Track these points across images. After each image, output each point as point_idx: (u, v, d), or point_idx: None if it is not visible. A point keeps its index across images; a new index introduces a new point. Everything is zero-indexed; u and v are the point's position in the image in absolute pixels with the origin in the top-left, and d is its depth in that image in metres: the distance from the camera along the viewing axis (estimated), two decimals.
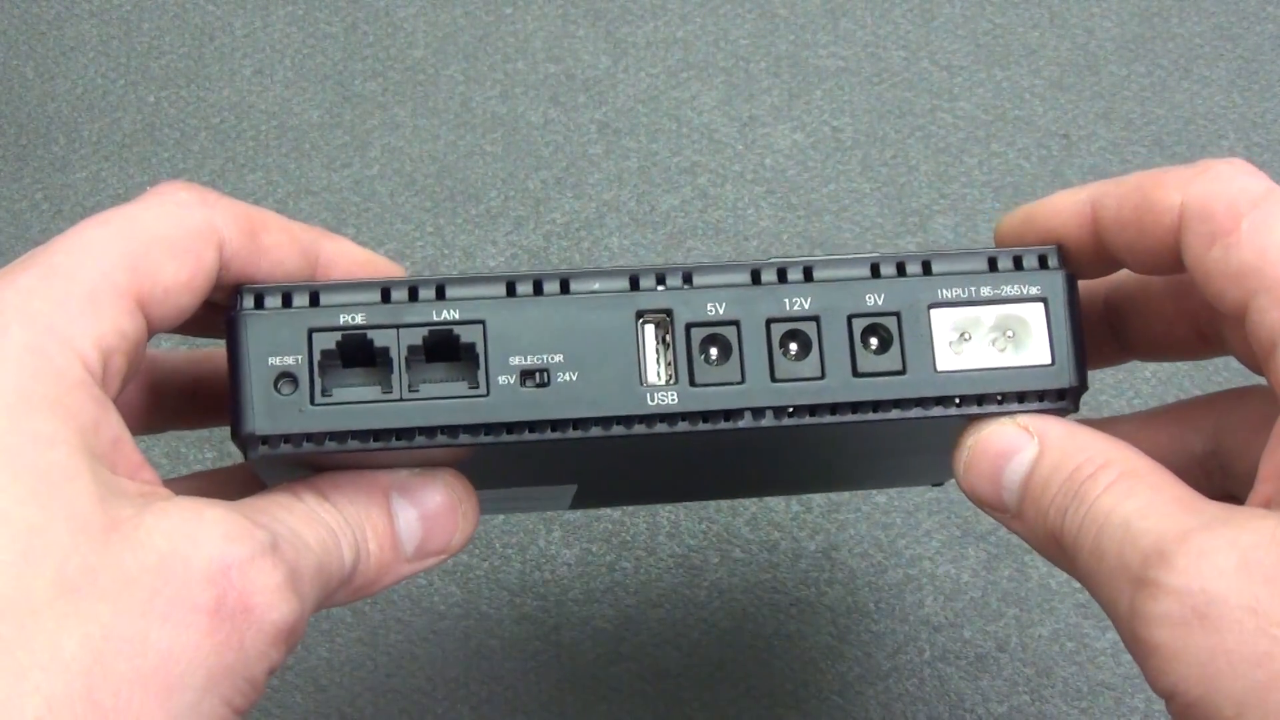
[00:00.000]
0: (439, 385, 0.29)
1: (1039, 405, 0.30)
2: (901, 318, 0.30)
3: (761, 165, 0.58)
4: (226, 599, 0.26)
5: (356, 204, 0.57)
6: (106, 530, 0.26)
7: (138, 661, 0.25)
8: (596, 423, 0.29)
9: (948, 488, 0.51)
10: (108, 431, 0.27)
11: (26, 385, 0.26)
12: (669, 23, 0.61)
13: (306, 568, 0.28)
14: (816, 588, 0.51)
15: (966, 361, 0.30)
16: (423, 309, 0.29)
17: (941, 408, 0.30)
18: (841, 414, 0.30)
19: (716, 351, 0.30)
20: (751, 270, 0.30)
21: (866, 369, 0.30)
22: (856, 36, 0.61)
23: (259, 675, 0.27)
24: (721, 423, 0.29)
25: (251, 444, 0.29)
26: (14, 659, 0.24)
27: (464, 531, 0.32)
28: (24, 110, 0.60)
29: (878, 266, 0.30)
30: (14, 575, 0.25)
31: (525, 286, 0.29)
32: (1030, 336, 0.30)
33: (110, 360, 0.28)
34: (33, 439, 0.26)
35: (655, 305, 0.29)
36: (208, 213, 0.29)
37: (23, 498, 0.25)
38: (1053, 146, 0.58)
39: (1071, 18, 0.61)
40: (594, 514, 0.52)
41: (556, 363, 0.29)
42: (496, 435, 0.29)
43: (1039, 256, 0.30)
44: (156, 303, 0.28)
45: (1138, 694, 0.48)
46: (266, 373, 0.29)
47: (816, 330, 0.30)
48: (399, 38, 0.61)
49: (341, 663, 0.50)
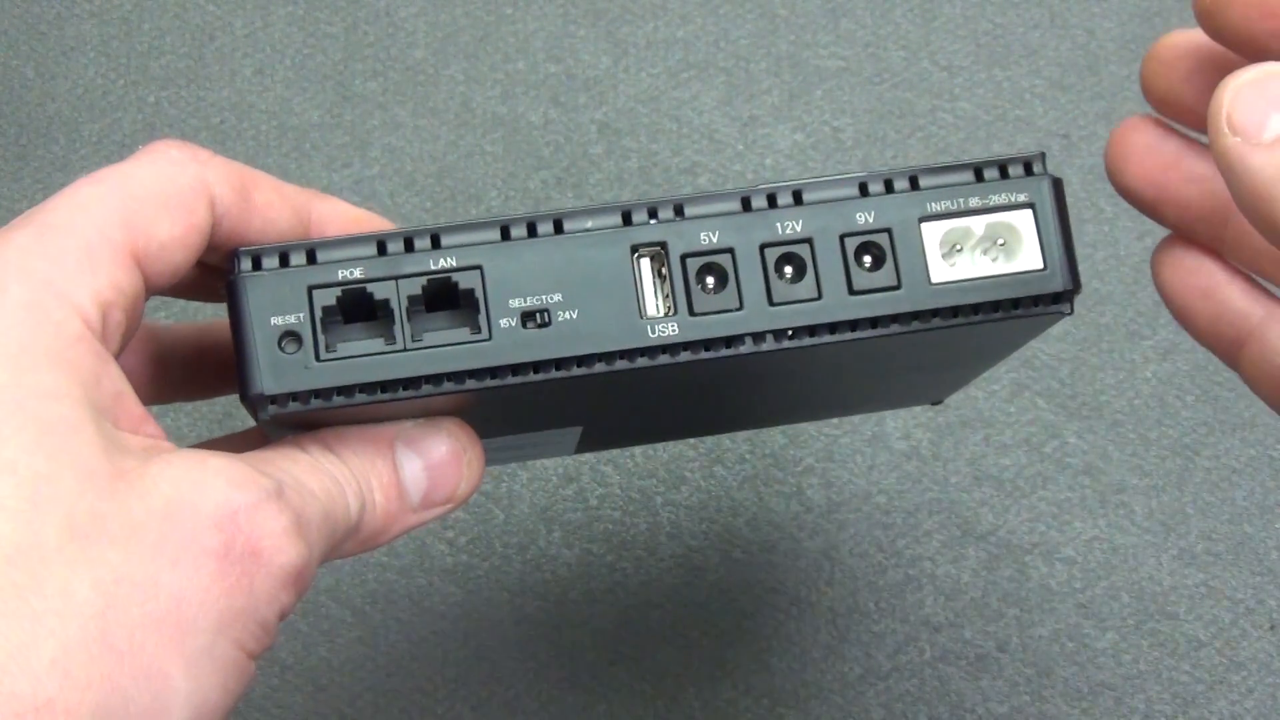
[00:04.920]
0: (441, 333, 0.29)
1: (1035, 310, 0.30)
2: (893, 234, 0.30)
3: (762, 165, 0.58)
4: (235, 543, 0.26)
5: (356, 204, 0.57)
6: (113, 478, 0.26)
7: (149, 605, 0.25)
8: (600, 358, 0.29)
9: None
10: (109, 385, 0.27)
11: (27, 340, 0.26)
12: (669, 23, 0.61)
13: (312, 514, 0.28)
14: (816, 588, 0.51)
15: (960, 272, 0.30)
16: (420, 259, 0.29)
17: (939, 319, 0.30)
18: (841, 333, 0.30)
19: (713, 280, 0.30)
20: (742, 198, 0.30)
21: (862, 286, 0.30)
22: (857, 36, 0.61)
23: (270, 618, 0.27)
24: (723, 350, 0.30)
25: (260, 404, 0.29)
26: (27, 604, 0.24)
27: (469, 480, 0.32)
28: (24, 110, 0.60)
29: (866, 185, 0.30)
30: (24, 522, 0.25)
31: (519, 229, 0.30)
32: (1021, 243, 0.30)
33: (109, 315, 0.28)
34: (35, 392, 0.26)
35: (649, 239, 0.30)
36: (200, 169, 0.30)
37: (28, 447, 0.25)
38: (1053, 146, 0.58)
39: (1071, 18, 0.61)
40: (594, 514, 0.52)
41: (556, 302, 0.29)
42: (502, 378, 0.29)
43: (1024, 164, 0.31)
44: (152, 258, 0.29)
45: (1138, 694, 0.48)
46: (270, 333, 0.29)
47: (810, 252, 0.30)
48: (399, 38, 0.61)
49: (341, 663, 0.50)
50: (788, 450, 0.52)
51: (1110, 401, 0.53)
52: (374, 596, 0.51)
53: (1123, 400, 0.53)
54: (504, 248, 0.29)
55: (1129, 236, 0.56)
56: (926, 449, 0.52)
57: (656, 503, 0.52)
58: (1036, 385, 0.54)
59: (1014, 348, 0.36)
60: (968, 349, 0.35)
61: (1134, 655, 0.49)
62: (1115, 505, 0.52)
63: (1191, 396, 0.53)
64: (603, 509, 0.52)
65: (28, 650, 0.24)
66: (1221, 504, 0.52)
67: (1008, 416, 0.53)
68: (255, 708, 0.49)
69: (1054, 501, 0.52)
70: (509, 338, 0.29)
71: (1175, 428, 0.53)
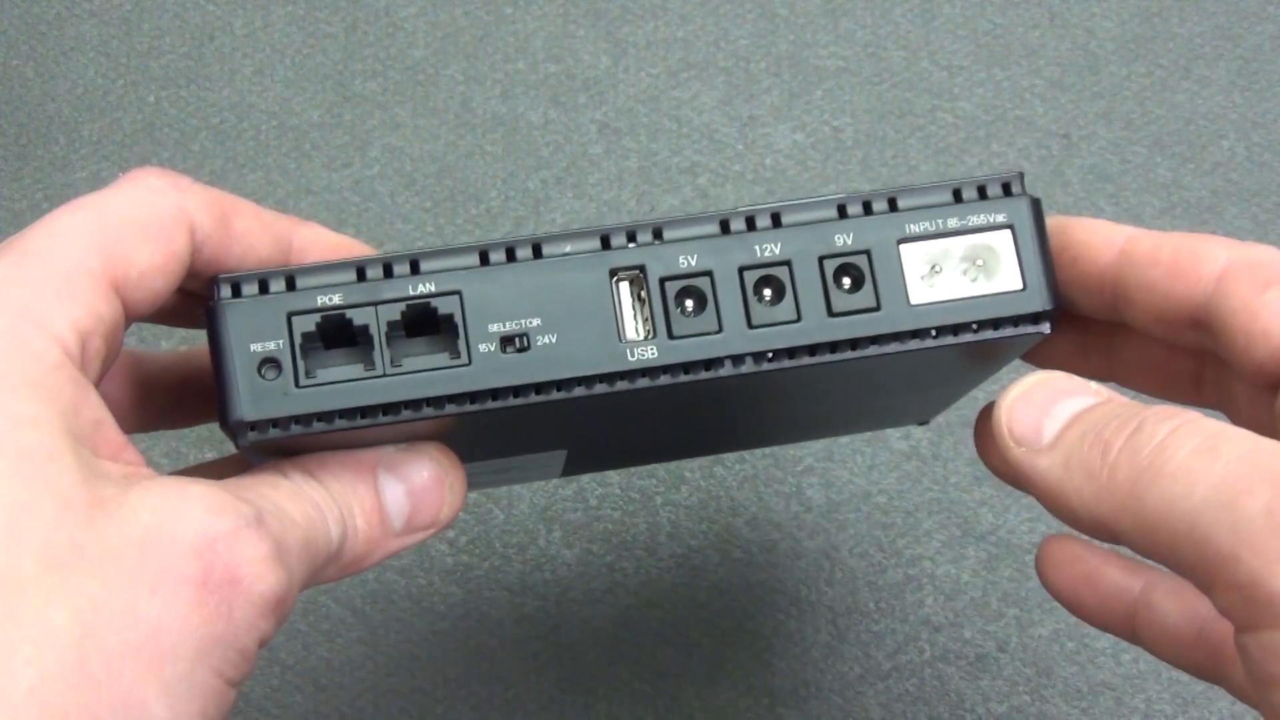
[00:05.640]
0: (421, 358, 0.29)
1: (1015, 330, 0.30)
2: (872, 255, 0.30)
3: (762, 165, 0.58)
4: (214, 571, 0.26)
5: (356, 204, 0.57)
6: (91, 507, 0.26)
7: (128, 634, 0.25)
8: (579, 382, 0.29)
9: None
10: (88, 413, 0.27)
11: (4, 368, 0.26)
12: (669, 23, 0.61)
13: (293, 541, 0.28)
14: (816, 588, 0.51)
15: (939, 293, 0.30)
16: (399, 284, 0.29)
17: (918, 340, 0.30)
18: (820, 354, 0.30)
19: (692, 303, 0.30)
20: (720, 220, 0.30)
21: (841, 308, 0.30)
22: (856, 36, 0.61)
23: (249, 646, 0.27)
24: (702, 373, 0.30)
25: (240, 431, 0.29)
26: (4, 634, 0.24)
27: (452, 504, 0.32)
28: (24, 110, 0.60)
29: (844, 207, 0.30)
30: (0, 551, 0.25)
31: (498, 254, 0.30)
32: (1000, 263, 0.30)
33: (88, 343, 0.28)
34: (13, 420, 0.26)
35: (628, 262, 0.30)
36: (179, 197, 0.30)
37: (5, 475, 0.25)
38: (1053, 146, 0.58)
39: (1071, 18, 0.61)
40: (594, 514, 0.52)
41: (535, 326, 0.29)
42: (482, 403, 0.29)
43: (1003, 184, 0.31)
44: (131, 286, 0.29)
45: (1138, 694, 0.48)
46: (249, 359, 0.29)
47: (789, 274, 0.30)
48: (399, 38, 0.61)
49: (341, 663, 0.50)
50: (788, 450, 0.52)
51: None
52: (374, 596, 0.51)
53: None
54: (483, 273, 0.29)
55: None
56: (926, 449, 0.52)
57: (656, 503, 0.52)
58: None
59: (997, 367, 0.36)
60: (950, 369, 0.35)
61: (1134, 655, 0.49)
62: None
63: None
64: (603, 509, 0.52)
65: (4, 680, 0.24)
66: None
67: None
68: (255, 708, 0.49)
69: None
70: (488, 363, 0.29)
71: None
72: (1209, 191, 0.57)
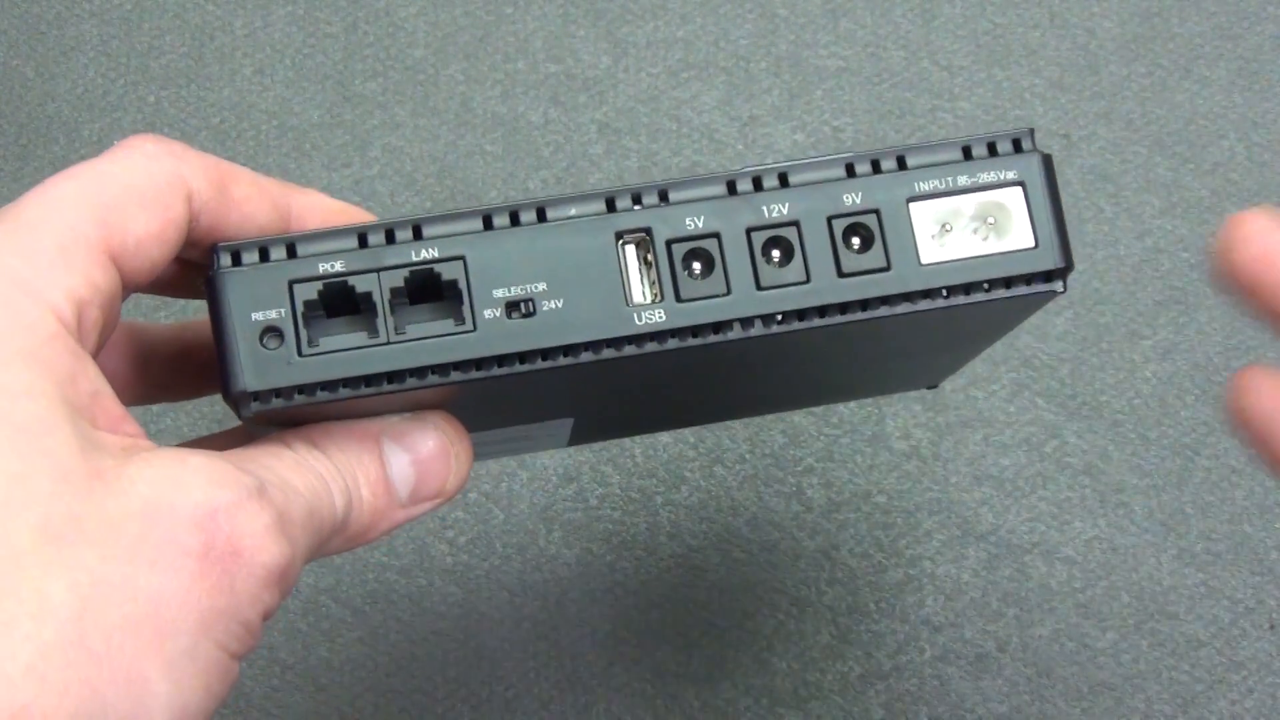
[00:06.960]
0: (425, 325, 0.29)
1: (1027, 289, 0.30)
2: (881, 215, 0.29)
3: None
4: (215, 542, 0.26)
5: (356, 204, 0.57)
6: (89, 479, 0.26)
7: (128, 607, 0.25)
8: (586, 347, 0.29)
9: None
10: (86, 384, 0.27)
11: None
12: (669, 23, 0.61)
13: (296, 512, 0.28)
14: (816, 588, 0.51)
15: (950, 252, 0.30)
16: (401, 250, 0.29)
17: (929, 300, 0.30)
18: (830, 316, 0.29)
19: (700, 266, 0.29)
20: (727, 181, 0.29)
21: (851, 269, 0.29)
22: (856, 36, 0.61)
23: (253, 619, 0.27)
24: (711, 336, 0.29)
25: (243, 401, 0.28)
26: (1, 608, 0.24)
27: (458, 474, 0.32)
28: (24, 110, 0.60)
29: (853, 166, 0.30)
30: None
31: (502, 218, 0.29)
32: (1011, 221, 0.30)
33: (85, 313, 0.27)
34: (8, 391, 0.26)
35: (634, 225, 0.29)
36: (176, 164, 0.29)
37: (1, 447, 0.25)
38: (1053, 146, 0.58)
39: (1071, 18, 0.61)
40: (594, 514, 0.52)
41: (540, 291, 0.29)
42: (487, 370, 0.29)
43: (1013, 140, 0.30)
44: (128, 255, 0.28)
45: (1138, 694, 0.48)
46: (251, 329, 0.28)
47: (797, 235, 0.29)
48: (399, 38, 0.61)
49: (341, 663, 0.50)
50: (788, 450, 0.52)
51: (1110, 401, 0.53)
52: (374, 596, 0.51)
53: (1122, 400, 0.53)
54: (487, 237, 0.29)
55: (1129, 236, 0.56)
56: (926, 449, 0.52)
57: (656, 503, 0.52)
58: (1036, 385, 0.54)
59: (1008, 328, 0.36)
60: (961, 330, 0.34)
61: (1134, 655, 0.49)
62: (1115, 505, 0.52)
63: (1191, 396, 0.53)
64: (603, 509, 0.52)
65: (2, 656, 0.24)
66: (1221, 504, 0.52)
67: (1008, 416, 0.53)
68: (255, 707, 0.49)
69: (1054, 501, 0.52)
70: (493, 328, 0.29)
71: (1175, 427, 0.53)
72: (1209, 191, 0.57)
